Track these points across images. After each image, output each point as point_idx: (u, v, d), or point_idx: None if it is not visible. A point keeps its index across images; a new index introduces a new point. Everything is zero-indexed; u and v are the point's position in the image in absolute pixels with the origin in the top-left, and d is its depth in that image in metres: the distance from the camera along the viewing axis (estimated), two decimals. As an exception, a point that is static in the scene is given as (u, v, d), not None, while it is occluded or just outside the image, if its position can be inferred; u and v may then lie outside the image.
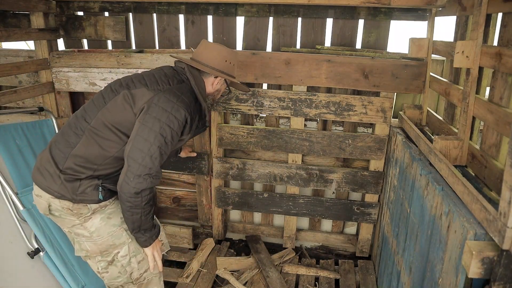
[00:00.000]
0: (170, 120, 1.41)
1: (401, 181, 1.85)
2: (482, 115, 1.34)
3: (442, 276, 1.23)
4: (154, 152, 1.39)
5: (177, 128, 1.44)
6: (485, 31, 1.36)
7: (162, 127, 1.39)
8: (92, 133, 1.45)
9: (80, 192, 1.45)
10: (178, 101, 1.44)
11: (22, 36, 2.21)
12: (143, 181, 1.37)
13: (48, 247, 1.85)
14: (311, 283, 2.27)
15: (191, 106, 1.50)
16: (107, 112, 1.46)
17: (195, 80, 1.58)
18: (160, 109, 1.41)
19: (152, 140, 1.38)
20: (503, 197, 0.93)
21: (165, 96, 1.43)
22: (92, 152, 1.45)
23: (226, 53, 1.65)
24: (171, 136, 1.42)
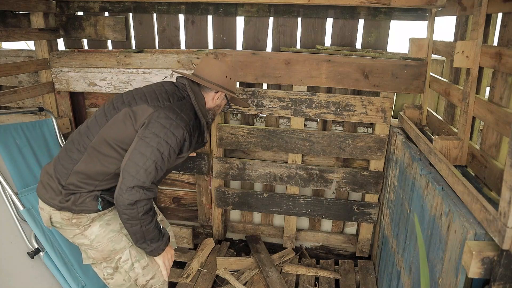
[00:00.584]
0: (168, 136, 1.42)
1: (401, 181, 1.85)
2: (482, 115, 1.34)
3: (442, 276, 1.23)
4: (149, 167, 1.39)
5: (174, 145, 1.45)
6: (485, 31, 1.36)
7: (159, 143, 1.41)
8: (94, 150, 1.48)
9: (79, 203, 1.48)
10: (177, 118, 1.46)
11: (22, 36, 2.21)
12: (135, 193, 1.38)
13: (48, 247, 1.85)
14: (311, 283, 2.27)
15: (191, 123, 1.52)
16: (108, 129, 1.48)
17: (195, 96, 1.60)
18: (159, 125, 1.42)
19: (148, 155, 1.39)
20: (503, 197, 0.93)
21: (164, 113, 1.45)
22: (93, 169, 1.48)
23: (227, 69, 1.68)
24: (168, 152, 1.43)
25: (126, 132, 1.46)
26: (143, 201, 1.40)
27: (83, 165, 1.48)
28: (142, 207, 1.41)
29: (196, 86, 1.64)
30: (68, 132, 2.48)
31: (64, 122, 2.45)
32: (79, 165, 1.48)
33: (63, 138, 2.32)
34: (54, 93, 2.45)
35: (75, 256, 1.93)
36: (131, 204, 1.38)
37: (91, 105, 2.59)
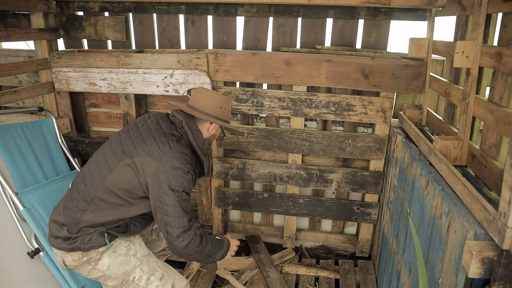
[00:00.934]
0: (181, 182, 1.50)
1: (401, 181, 1.85)
2: (482, 115, 1.34)
3: (442, 276, 1.23)
4: (179, 212, 1.49)
5: (187, 186, 1.53)
6: (485, 31, 1.36)
7: (176, 190, 1.49)
8: (100, 201, 1.54)
9: (87, 241, 1.55)
10: (181, 163, 1.51)
11: (22, 36, 2.21)
12: (183, 239, 1.49)
13: (48, 247, 1.85)
14: (311, 283, 2.27)
15: (193, 162, 1.57)
16: (113, 180, 1.53)
17: (193, 134, 1.61)
18: (169, 176, 1.48)
19: (173, 203, 1.48)
20: (503, 197, 0.93)
21: (170, 162, 1.50)
22: (101, 218, 1.55)
23: (220, 100, 1.70)
24: (186, 193, 1.53)
25: (132, 183, 1.52)
26: (192, 240, 1.51)
27: (92, 215, 1.54)
28: (194, 243, 1.52)
29: (192, 119, 1.67)
30: (68, 132, 2.49)
31: (64, 122, 2.45)
32: (87, 214, 1.54)
33: (63, 138, 2.32)
34: (54, 93, 2.45)
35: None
36: (184, 248, 1.50)
37: (91, 105, 2.59)
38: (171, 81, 2.26)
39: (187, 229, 1.50)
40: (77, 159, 2.38)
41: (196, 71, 2.21)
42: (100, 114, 2.60)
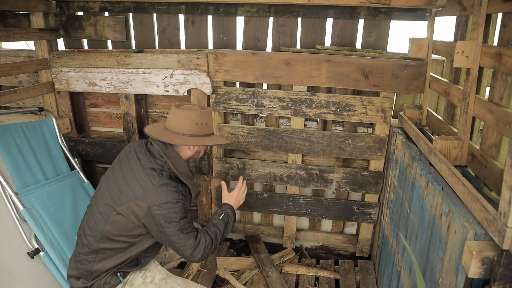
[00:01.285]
0: (174, 213, 1.51)
1: (401, 181, 1.85)
2: (482, 115, 1.34)
3: (442, 276, 1.23)
4: (183, 238, 1.54)
5: (182, 213, 1.54)
6: (485, 31, 1.36)
7: (173, 222, 1.51)
8: (105, 250, 1.59)
9: (103, 284, 1.61)
10: (168, 196, 1.51)
11: (22, 36, 2.21)
12: (197, 254, 1.57)
13: (48, 247, 1.85)
14: (311, 283, 2.27)
15: (180, 189, 1.56)
16: (110, 229, 1.56)
17: (173, 162, 1.57)
18: (162, 212, 1.50)
19: (175, 233, 1.52)
20: (503, 197, 0.93)
21: (157, 199, 1.50)
22: (111, 262, 1.60)
23: (195, 117, 1.62)
24: (183, 219, 1.55)
25: (128, 227, 1.55)
26: (205, 248, 1.59)
27: (101, 263, 1.60)
28: (208, 248, 1.60)
29: (170, 146, 1.62)
30: (68, 132, 2.48)
31: (64, 122, 2.45)
32: (96, 264, 1.60)
33: (63, 138, 2.32)
34: (54, 93, 2.45)
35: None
36: (202, 257, 1.59)
37: (91, 105, 2.59)
38: (171, 81, 2.26)
39: (197, 246, 1.57)
40: (77, 159, 2.38)
41: (196, 71, 2.21)
42: (100, 114, 2.60)
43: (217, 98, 2.27)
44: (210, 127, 1.70)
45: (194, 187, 1.63)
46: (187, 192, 1.62)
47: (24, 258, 1.86)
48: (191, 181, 1.62)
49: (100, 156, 2.51)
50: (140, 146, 1.65)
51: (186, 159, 1.69)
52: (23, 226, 1.87)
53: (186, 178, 1.60)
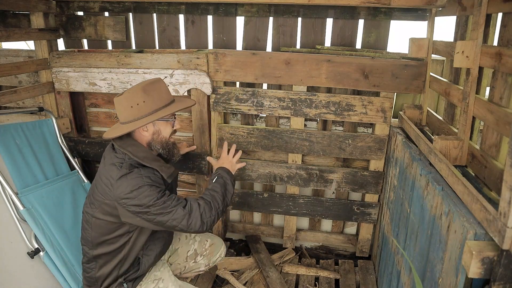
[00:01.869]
0: (146, 198, 1.44)
1: (401, 181, 1.85)
2: (482, 115, 1.34)
3: (442, 276, 1.23)
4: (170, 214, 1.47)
5: (156, 194, 1.46)
6: (485, 31, 1.36)
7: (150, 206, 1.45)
8: (102, 255, 1.58)
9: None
10: (130, 185, 1.44)
11: (22, 36, 2.21)
12: (195, 222, 1.50)
13: (48, 247, 1.85)
14: (311, 283, 2.27)
15: (143, 174, 1.48)
16: (96, 235, 1.55)
17: (130, 151, 1.52)
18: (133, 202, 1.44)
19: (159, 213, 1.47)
20: (503, 197, 0.93)
21: (122, 192, 1.44)
22: (112, 266, 1.58)
23: (133, 97, 1.50)
24: (159, 198, 1.46)
25: (111, 228, 1.53)
26: (205, 213, 1.53)
27: (103, 269, 1.59)
28: (205, 214, 1.53)
29: (125, 137, 1.57)
30: (68, 132, 2.48)
31: (64, 122, 2.45)
32: (97, 270, 1.60)
33: (63, 138, 2.32)
34: (54, 93, 2.45)
35: (75, 256, 1.93)
36: (207, 224, 1.53)
37: (91, 105, 2.59)
38: (171, 81, 2.26)
39: (189, 213, 1.50)
40: (77, 159, 2.38)
41: (196, 71, 2.21)
42: (100, 114, 2.60)
43: (217, 98, 2.27)
44: (152, 103, 1.53)
45: (162, 167, 1.55)
46: (155, 175, 1.53)
47: (24, 258, 1.86)
48: (157, 163, 1.54)
49: (100, 156, 2.47)
50: (108, 146, 1.63)
51: (147, 143, 1.60)
52: (23, 226, 1.87)
53: (151, 162, 1.53)
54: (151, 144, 1.61)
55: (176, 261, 1.93)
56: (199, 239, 1.99)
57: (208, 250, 1.99)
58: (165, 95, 1.59)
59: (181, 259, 1.93)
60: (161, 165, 1.56)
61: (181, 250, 1.94)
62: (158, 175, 1.54)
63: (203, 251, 1.97)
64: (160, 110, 1.55)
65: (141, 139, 1.60)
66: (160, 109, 1.55)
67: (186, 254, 1.94)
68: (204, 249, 1.98)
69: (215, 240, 2.02)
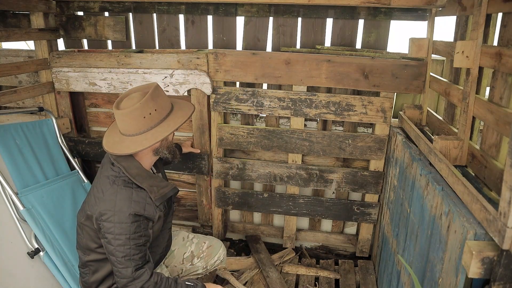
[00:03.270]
0: (121, 227, 1.39)
1: (401, 181, 1.85)
2: (482, 115, 1.34)
3: (442, 276, 1.23)
4: (122, 262, 1.39)
5: (129, 229, 1.39)
6: (485, 31, 1.36)
7: (117, 239, 1.39)
8: (91, 262, 1.56)
9: None
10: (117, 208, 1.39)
11: (22, 36, 2.21)
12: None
13: (48, 247, 1.85)
14: (311, 283, 2.27)
15: (133, 199, 1.42)
16: (86, 241, 1.53)
17: (124, 166, 1.45)
18: (107, 226, 1.40)
19: (116, 252, 1.40)
20: (503, 197, 0.93)
21: (104, 211, 1.40)
22: (101, 274, 1.56)
23: (141, 109, 1.42)
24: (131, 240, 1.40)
25: (97, 236, 1.49)
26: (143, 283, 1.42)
27: (94, 276, 1.57)
28: None
29: None
30: (68, 132, 2.48)
31: (64, 122, 2.45)
32: (90, 276, 1.58)
33: (63, 138, 2.32)
34: (54, 93, 2.45)
35: (75, 256, 1.93)
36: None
37: (91, 105, 2.59)
38: (171, 81, 2.26)
39: (133, 279, 1.40)
40: (77, 159, 2.38)
41: (196, 71, 2.21)
42: (100, 114, 2.60)
43: (217, 98, 2.27)
44: (163, 110, 1.49)
45: (153, 188, 1.46)
46: (145, 198, 1.44)
47: (24, 258, 1.86)
48: (148, 182, 1.46)
49: (100, 156, 2.51)
50: (108, 154, 1.54)
51: (155, 150, 1.55)
52: (23, 226, 1.87)
53: (143, 180, 1.45)
54: (158, 150, 1.55)
55: (173, 263, 1.90)
56: (196, 241, 1.96)
57: (205, 252, 1.95)
58: (167, 100, 1.55)
59: (177, 261, 1.91)
60: (152, 185, 1.47)
61: (177, 252, 1.92)
62: (148, 199, 1.46)
63: (200, 253, 1.94)
64: (170, 116, 1.51)
65: (142, 153, 1.53)
66: (169, 115, 1.51)
67: (183, 256, 1.91)
68: (201, 251, 1.94)
69: (213, 242, 1.99)
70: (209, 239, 2.01)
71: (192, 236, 1.99)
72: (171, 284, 1.49)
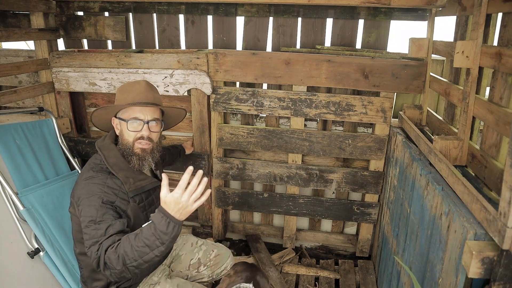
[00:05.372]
0: (90, 207, 1.37)
1: (401, 181, 1.85)
2: (482, 115, 1.34)
3: (442, 276, 1.23)
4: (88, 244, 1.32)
5: (97, 209, 1.35)
6: (485, 31, 1.36)
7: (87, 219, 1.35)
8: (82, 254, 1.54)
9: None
10: (88, 190, 1.40)
11: (22, 36, 2.21)
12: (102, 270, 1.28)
13: (48, 247, 1.85)
14: (311, 283, 2.27)
15: (106, 183, 1.42)
16: (74, 232, 1.53)
17: (104, 155, 1.48)
18: (81, 208, 1.38)
19: (85, 234, 1.35)
20: (503, 197, 0.93)
21: (77, 195, 1.41)
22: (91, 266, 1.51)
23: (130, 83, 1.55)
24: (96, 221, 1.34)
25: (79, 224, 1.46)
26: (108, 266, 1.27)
27: (86, 269, 1.55)
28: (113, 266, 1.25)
29: (107, 137, 1.55)
30: (68, 132, 2.48)
31: (64, 122, 2.45)
32: (84, 270, 1.57)
33: (63, 138, 2.32)
34: (54, 93, 2.45)
35: (75, 256, 1.92)
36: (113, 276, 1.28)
37: (91, 105, 2.59)
38: (171, 81, 2.26)
39: (97, 258, 1.28)
40: (77, 159, 2.38)
41: (196, 71, 2.21)
42: (100, 114, 2.60)
43: (217, 98, 2.27)
44: (122, 98, 1.52)
45: (129, 179, 1.46)
46: (120, 187, 1.45)
47: (24, 258, 1.86)
48: (124, 173, 1.47)
49: (100, 156, 2.51)
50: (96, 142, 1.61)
51: (123, 142, 1.53)
52: (23, 226, 1.87)
53: (119, 170, 1.46)
54: (120, 144, 1.55)
55: (178, 269, 1.85)
56: (204, 248, 1.90)
57: (212, 260, 1.88)
58: (139, 96, 1.52)
59: (183, 266, 1.85)
60: (128, 176, 1.47)
61: (185, 257, 1.87)
62: (123, 188, 1.45)
63: (207, 261, 1.87)
64: (124, 105, 1.51)
65: (120, 139, 1.55)
66: (125, 105, 1.50)
67: (189, 262, 1.86)
68: (209, 259, 1.88)
69: (222, 251, 1.93)
70: (218, 247, 1.94)
71: (201, 243, 1.93)
72: (130, 241, 1.24)
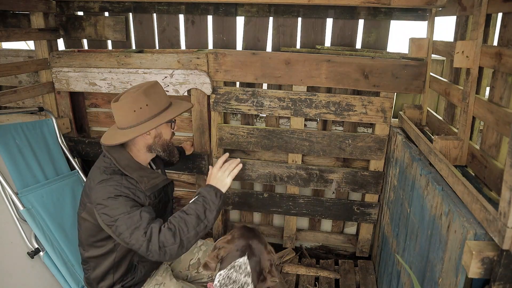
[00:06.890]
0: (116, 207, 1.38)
1: (401, 181, 1.85)
2: (482, 115, 1.34)
3: (442, 276, 1.23)
4: (131, 235, 1.35)
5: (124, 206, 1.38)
6: (485, 31, 1.36)
7: (118, 218, 1.37)
8: (91, 258, 1.57)
9: None
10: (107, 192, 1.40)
11: (22, 36, 2.21)
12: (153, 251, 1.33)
13: (48, 247, 1.85)
14: (311, 283, 2.27)
15: (123, 183, 1.44)
16: (85, 236, 1.55)
17: (115, 158, 1.49)
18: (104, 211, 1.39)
19: (122, 230, 1.36)
20: (503, 197, 0.93)
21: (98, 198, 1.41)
22: (101, 269, 1.55)
23: (135, 101, 1.46)
24: (128, 213, 1.38)
25: (95, 230, 1.50)
26: (164, 242, 1.33)
27: (95, 272, 1.57)
28: (168, 241, 1.33)
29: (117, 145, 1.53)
30: (68, 132, 2.48)
31: (64, 122, 2.45)
32: (91, 273, 1.58)
33: (63, 138, 2.32)
34: (54, 93, 2.45)
35: (75, 256, 1.93)
36: (167, 254, 1.34)
37: (91, 105, 2.59)
38: (171, 81, 2.26)
39: (148, 240, 1.33)
40: (77, 159, 2.38)
41: (196, 71, 2.21)
42: (100, 114, 2.60)
43: (217, 98, 2.28)
44: (155, 106, 1.51)
45: (144, 178, 1.49)
46: (136, 187, 1.47)
47: (24, 258, 1.86)
48: (138, 173, 1.49)
49: (100, 156, 2.51)
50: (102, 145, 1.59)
51: (148, 146, 1.57)
52: (23, 226, 1.87)
53: (133, 171, 1.48)
54: (151, 147, 1.57)
55: (178, 269, 1.86)
56: (204, 248, 1.92)
57: None
58: (164, 98, 1.56)
59: (183, 267, 1.87)
60: (142, 175, 1.50)
61: (184, 257, 1.87)
62: (139, 187, 1.48)
63: None
64: (162, 113, 1.52)
65: (139, 143, 1.56)
66: (162, 112, 1.53)
67: (189, 263, 1.87)
68: None
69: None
70: None
71: (201, 243, 1.94)
72: (187, 213, 1.42)
